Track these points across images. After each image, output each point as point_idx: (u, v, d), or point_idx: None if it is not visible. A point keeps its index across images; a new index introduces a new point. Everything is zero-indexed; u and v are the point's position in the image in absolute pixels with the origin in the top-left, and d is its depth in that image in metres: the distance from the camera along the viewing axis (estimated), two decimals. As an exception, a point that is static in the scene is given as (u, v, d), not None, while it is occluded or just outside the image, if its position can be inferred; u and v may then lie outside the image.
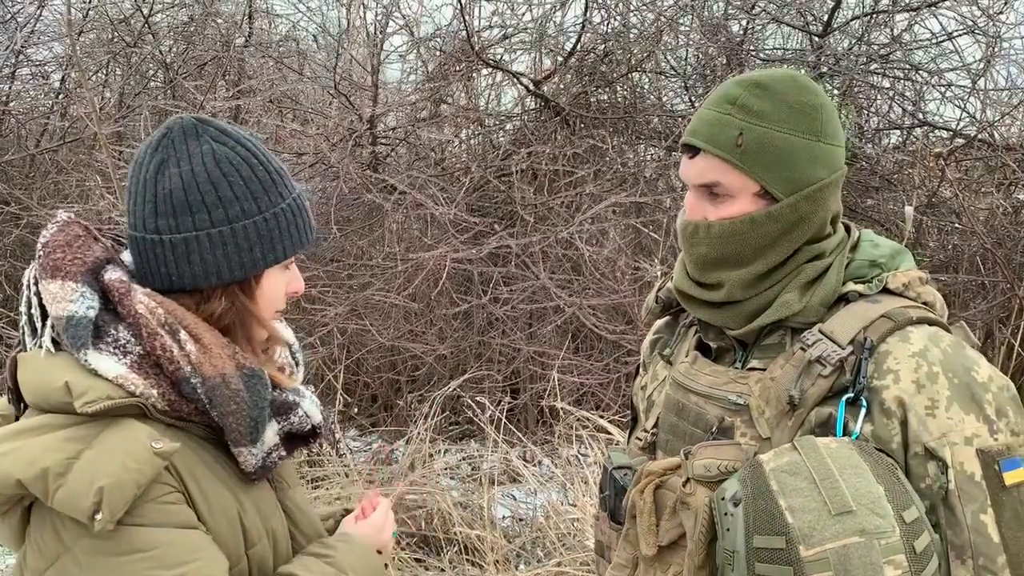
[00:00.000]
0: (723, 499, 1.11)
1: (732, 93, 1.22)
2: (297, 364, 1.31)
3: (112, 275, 1.11)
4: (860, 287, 1.23)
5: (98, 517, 1.00)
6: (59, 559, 1.06)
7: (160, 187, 1.12)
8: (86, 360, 1.07)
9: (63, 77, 5.67)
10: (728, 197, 1.22)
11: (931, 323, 1.21)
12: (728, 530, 1.09)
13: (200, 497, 1.11)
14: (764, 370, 1.23)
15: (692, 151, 1.24)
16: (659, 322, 1.49)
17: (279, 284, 1.21)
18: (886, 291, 1.23)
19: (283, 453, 1.19)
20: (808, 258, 1.24)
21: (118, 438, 1.04)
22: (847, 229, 1.31)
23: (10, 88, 5.68)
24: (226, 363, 1.10)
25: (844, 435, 1.14)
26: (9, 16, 5.54)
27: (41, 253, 1.12)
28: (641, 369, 1.51)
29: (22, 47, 5.37)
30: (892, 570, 1.02)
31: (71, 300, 1.07)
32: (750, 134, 1.19)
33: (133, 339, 1.08)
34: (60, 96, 5.67)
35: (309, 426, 1.21)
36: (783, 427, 1.18)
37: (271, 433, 1.16)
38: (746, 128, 1.19)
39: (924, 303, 1.24)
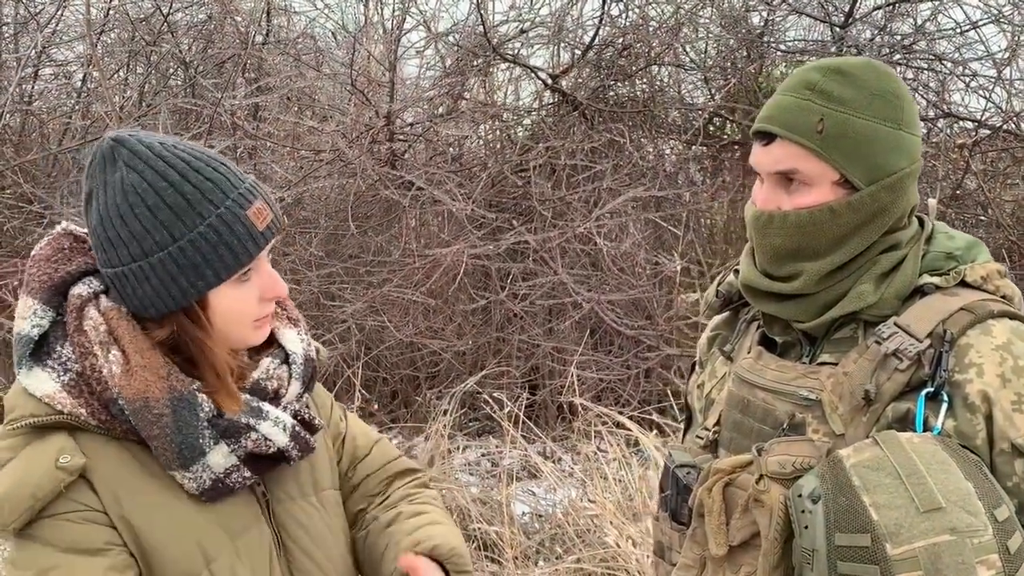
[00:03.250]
0: (800, 496, 1.07)
1: (811, 79, 1.18)
2: (292, 378, 1.23)
3: (76, 289, 1.11)
4: (937, 279, 1.19)
5: None
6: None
7: (90, 221, 1.12)
8: (20, 379, 1.09)
9: (84, 76, 5.71)
10: (805, 185, 1.18)
11: (1012, 317, 1.17)
12: (806, 528, 1.05)
13: (134, 510, 1.08)
14: (835, 364, 1.19)
15: (767, 138, 1.20)
16: (717, 318, 1.44)
17: (238, 299, 1.13)
18: (963, 284, 1.19)
19: (247, 474, 1.13)
20: (883, 249, 1.21)
21: (34, 451, 1.05)
22: (920, 222, 1.27)
23: (32, 88, 5.74)
24: (152, 386, 1.07)
25: (924, 431, 1.10)
26: (31, 17, 5.59)
27: (27, 266, 1.14)
28: (697, 367, 1.46)
29: (44, 47, 5.42)
30: (985, 570, 0.98)
31: (24, 318, 1.09)
32: (831, 120, 1.15)
33: (73, 357, 1.08)
34: (81, 95, 5.71)
35: (273, 449, 1.15)
36: (857, 423, 1.14)
37: (219, 457, 1.10)
38: (827, 114, 1.16)
39: (1003, 296, 1.20)
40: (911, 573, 0.99)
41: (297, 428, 1.18)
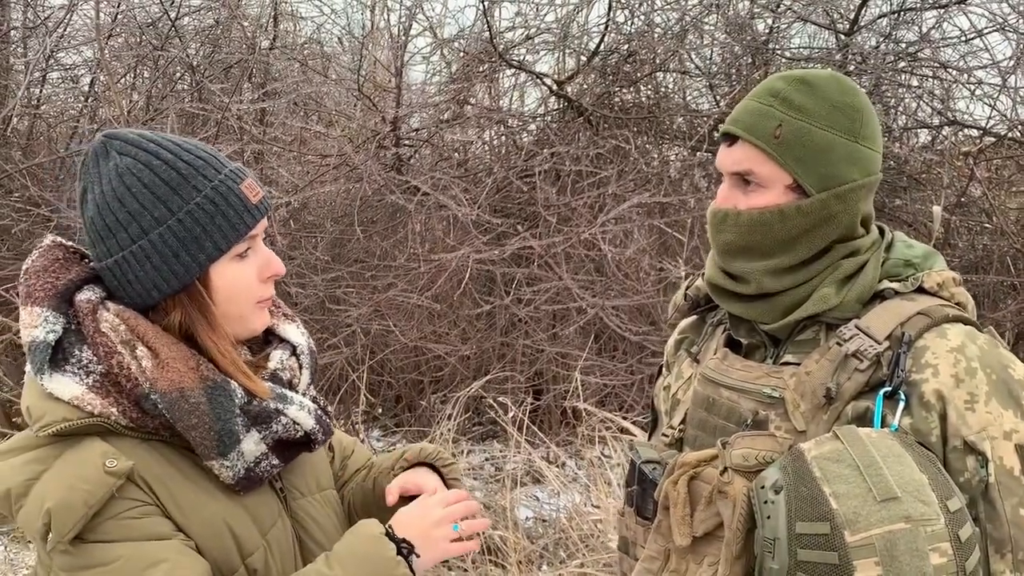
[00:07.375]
0: (763, 487, 1.11)
1: (776, 86, 1.25)
2: (302, 368, 1.25)
3: (82, 295, 1.11)
4: (896, 285, 1.24)
5: (49, 537, 1.02)
6: (49, 573, 1.09)
7: (86, 216, 1.12)
8: (43, 385, 1.08)
9: (92, 80, 5.73)
10: (760, 187, 1.24)
11: (966, 322, 1.22)
12: (769, 518, 1.09)
13: (176, 509, 1.09)
14: (798, 364, 1.23)
15: (731, 139, 1.26)
16: (685, 322, 1.50)
17: (239, 276, 1.14)
18: (921, 290, 1.24)
19: (275, 462, 1.15)
20: (843, 255, 1.25)
21: (74, 459, 1.05)
22: (880, 231, 1.32)
23: (41, 92, 5.77)
24: (185, 377, 1.07)
25: (882, 428, 1.14)
26: (40, 21, 5.63)
27: (21, 280, 1.13)
28: (664, 370, 1.51)
29: (52, 51, 5.45)
30: (937, 557, 1.02)
31: (35, 326, 1.08)
32: (788, 126, 1.21)
33: (95, 359, 1.08)
34: (89, 99, 5.74)
35: (301, 433, 1.17)
36: (818, 421, 1.18)
37: (251, 444, 1.12)
38: (785, 120, 1.21)
39: (957, 304, 1.24)
40: (868, 559, 1.02)
41: (319, 412, 1.21)
